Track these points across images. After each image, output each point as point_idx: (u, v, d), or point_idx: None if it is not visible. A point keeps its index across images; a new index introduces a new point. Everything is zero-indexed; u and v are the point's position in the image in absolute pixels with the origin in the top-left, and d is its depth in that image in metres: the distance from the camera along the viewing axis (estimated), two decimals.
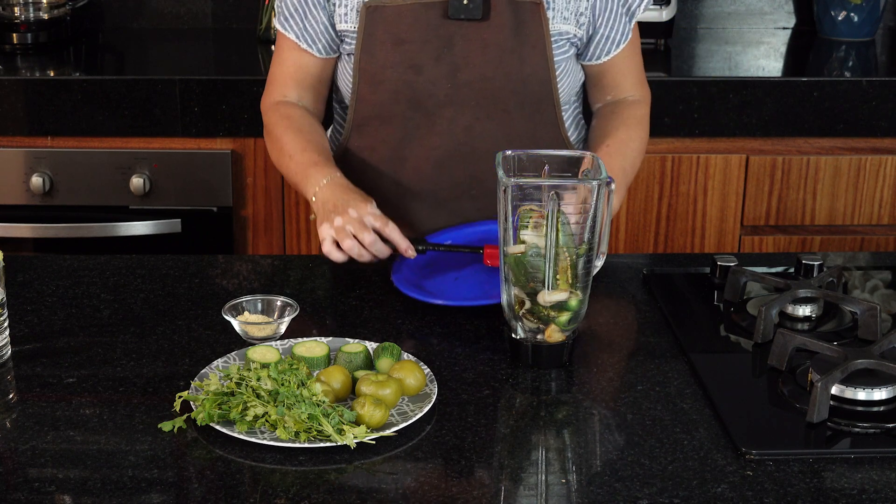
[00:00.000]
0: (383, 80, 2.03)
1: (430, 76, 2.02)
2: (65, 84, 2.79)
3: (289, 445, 1.45)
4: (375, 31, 2.01)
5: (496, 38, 2.02)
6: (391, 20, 2.01)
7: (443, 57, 2.01)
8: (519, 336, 1.66)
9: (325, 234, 1.88)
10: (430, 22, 2.00)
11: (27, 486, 1.40)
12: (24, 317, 1.79)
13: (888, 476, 1.43)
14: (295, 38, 2.07)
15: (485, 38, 2.01)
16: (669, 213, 2.91)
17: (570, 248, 1.60)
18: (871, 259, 2.17)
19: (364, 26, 2.01)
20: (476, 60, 2.02)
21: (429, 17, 2.00)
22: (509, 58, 2.02)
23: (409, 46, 2.01)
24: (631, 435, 1.51)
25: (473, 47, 2.02)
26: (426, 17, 2.00)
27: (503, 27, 2.01)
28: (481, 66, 2.02)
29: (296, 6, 2.06)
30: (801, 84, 2.86)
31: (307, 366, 1.60)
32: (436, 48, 2.01)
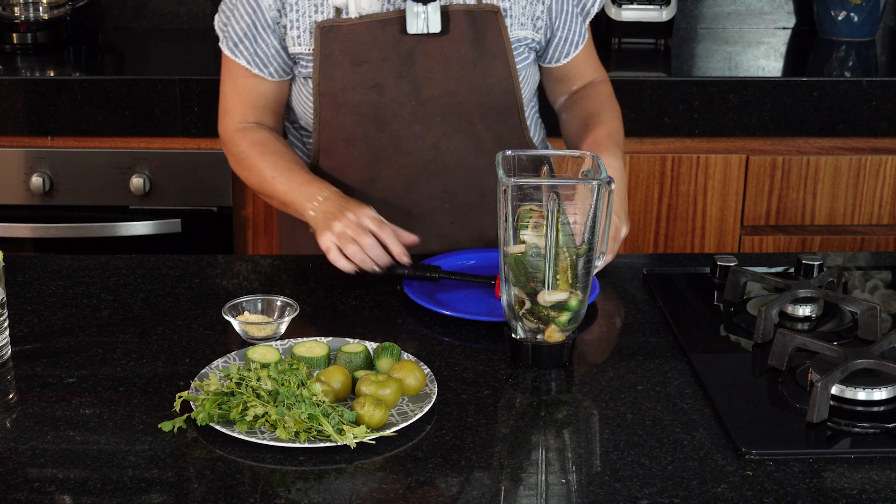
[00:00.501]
0: (345, 101, 1.99)
1: (392, 95, 1.98)
2: (65, 84, 2.79)
3: (289, 445, 1.45)
4: (332, 52, 1.97)
5: (457, 52, 1.98)
6: (348, 40, 1.96)
7: (404, 74, 1.98)
8: (519, 336, 1.66)
9: (328, 242, 1.86)
10: (388, 39, 1.96)
11: (27, 486, 1.40)
12: (24, 317, 1.79)
13: (888, 476, 1.43)
14: (246, 63, 2.01)
15: (445, 52, 1.98)
16: (669, 213, 2.91)
17: (570, 248, 1.60)
18: (871, 259, 2.17)
19: (320, 47, 1.97)
20: (438, 75, 1.98)
21: (386, 34, 1.96)
22: (471, 70, 2.00)
23: (368, 66, 1.97)
24: (631, 435, 1.51)
25: (434, 62, 1.98)
26: (383, 35, 1.96)
27: (463, 39, 1.98)
28: (444, 81, 1.99)
29: (244, 31, 2.00)
30: (801, 84, 2.86)
31: (307, 366, 1.60)
32: (396, 66, 1.97)
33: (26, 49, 3.03)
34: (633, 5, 3.11)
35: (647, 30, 3.13)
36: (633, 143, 2.87)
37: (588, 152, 1.68)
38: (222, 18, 2.03)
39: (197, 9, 3.31)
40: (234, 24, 2.00)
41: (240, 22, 1.99)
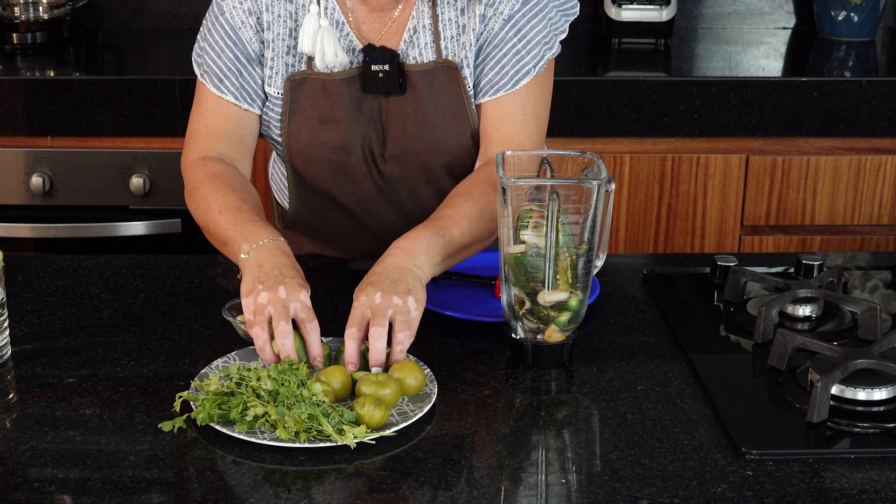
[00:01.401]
0: (313, 158, 1.94)
1: (359, 155, 1.93)
2: (65, 84, 2.79)
3: (289, 445, 1.45)
4: (300, 108, 1.91)
5: (416, 112, 1.92)
6: (316, 96, 1.91)
7: (368, 135, 1.93)
8: (519, 336, 1.66)
9: (246, 308, 1.63)
10: (354, 97, 1.90)
11: (27, 486, 1.40)
12: (24, 317, 1.79)
13: (888, 476, 1.43)
14: (234, 99, 1.91)
15: (405, 112, 1.92)
16: (669, 213, 2.91)
17: (570, 248, 1.60)
18: (871, 259, 2.17)
19: (289, 102, 1.91)
20: (399, 135, 1.93)
21: (351, 91, 1.91)
22: (430, 132, 1.92)
23: (335, 126, 1.91)
24: (631, 435, 1.51)
25: (395, 122, 1.92)
26: (349, 92, 1.91)
27: (420, 100, 1.91)
28: (405, 142, 1.93)
29: (228, 66, 1.91)
30: (801, 84, 2.86)
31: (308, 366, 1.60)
32: (361, 125, 1.92)
33: (26, 49, 3.03)
34: (633, 5, 3.11)
35: (647, 30, 3.13)
36: (633, 143, 2.87)
37: (588, 152, 1.68)
38: (200, 53, 1.95)
39: (197, 9, 3.31)
40: (216, 60, 1.92)
41: (221, 57, 1.92)
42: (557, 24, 1.95)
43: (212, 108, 1.93)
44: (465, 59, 1.90)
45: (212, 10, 1.95)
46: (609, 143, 2.87)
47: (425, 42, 1.90)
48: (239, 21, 1.90)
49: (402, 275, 1.65)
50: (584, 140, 2.85)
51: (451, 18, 1.90)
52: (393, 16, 1.91)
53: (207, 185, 1.85)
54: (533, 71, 1.90)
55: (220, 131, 1.93)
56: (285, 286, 1.62)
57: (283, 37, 1.90)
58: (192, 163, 1.91)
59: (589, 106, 2.84)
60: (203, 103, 1.95)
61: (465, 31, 1.89)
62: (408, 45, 1.91)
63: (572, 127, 2.84)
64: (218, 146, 1.92)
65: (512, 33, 1.89)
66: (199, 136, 1.94)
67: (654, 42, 3.15)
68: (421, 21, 1.90)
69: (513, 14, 1.89)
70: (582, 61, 3.12)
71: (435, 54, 1.91)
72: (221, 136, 1.93)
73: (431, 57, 1.91)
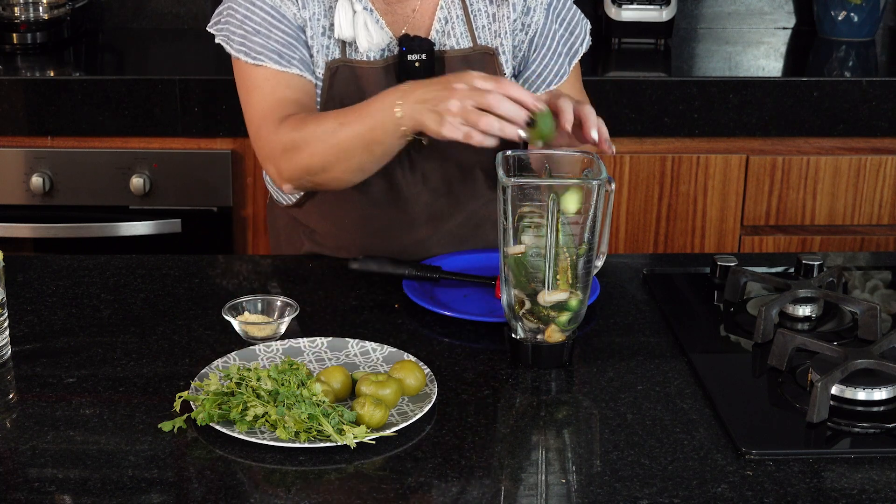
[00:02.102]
0: None
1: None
2: (65, 84, 2.79)
3: (289, 445, 1.45)
4: (338, 95, 1.92)
5: None
6: (353, 83, 1.92)
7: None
8: (519, 336, 1.66)
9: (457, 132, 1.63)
10: (389, 85, 1.89)
11: (27, 486, 1.40)
12: (24, 317, 1.79)
13: (888, 476, 1.43)
14: (299, 70, 1.90)
15: None
16: (669, 213, 2.91)
17: (570, 248, 1.60)
18: (871, 259, 2.17)
19: (328, 87, 1.92)
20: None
21: (388, 80, 1.92)
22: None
23: None
24: (631, 435, 1.51)
25: None
26: (386, 81, 1.92)
27: None
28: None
29: (283, 42, 1.90)
30: (801, 84, 2.86)
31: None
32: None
33: (26, 49, 3.03)
34: (633, 5, 3.11)
35: (647, 30, 3.13)
36: (633, 143, 2.87)
37: (588, 152, 1.68)
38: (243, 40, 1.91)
39: (197, 9, 3.31)
40: (267, 40, 1.90)
41: (272, 36, 1.89)
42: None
43: (275, 86, 1.89)
44: (500, 47, 1.95)
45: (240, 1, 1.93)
46: None
47: (460, 31, 1.95)
48: (278, 0, 1.92)
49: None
50: None
51: (481, 8, 1.96)
52: (414, 6, 1.93)
53: (303, 129, 1.81)
54: (582, 48, 2.04)
55: (290, 100, 1.88)
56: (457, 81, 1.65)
57: (318, 17, 1.93)
58: (275, 131, 1.85)
59: None
60: (262, 84, 1.90)
61: (496, 19, 1.94)
62: (441, 34, 1.95)
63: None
64: (291, 111, 1.87)
65: (557, 21, 1.99)
66: (271, 111, 1.88)
67: (654, 42, 3.15)
68: (453, 11, 1.95)
69: (551, 2, 1.99)
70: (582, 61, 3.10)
71: (471, 42, 1.96)
72: (292, 103, 1.88)
73: (466, 44, 1.96)
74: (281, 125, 1.86)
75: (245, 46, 1.92)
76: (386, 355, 1.66)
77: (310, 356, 1.67)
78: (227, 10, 1.95)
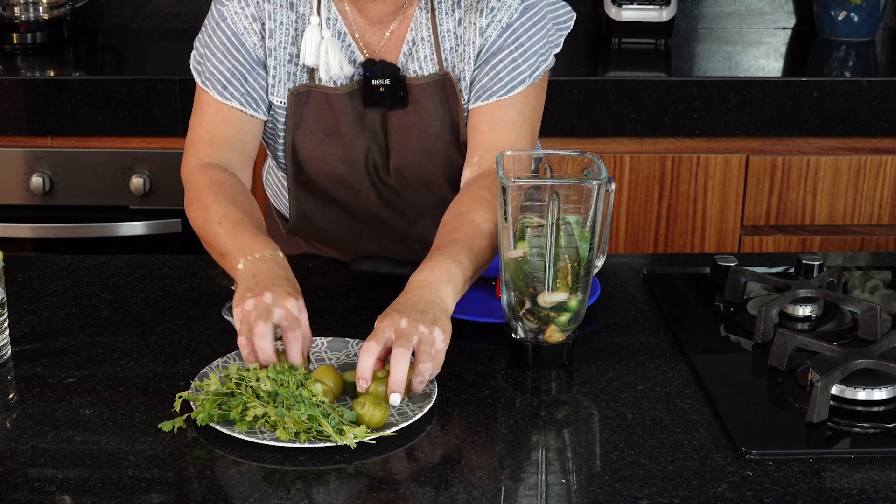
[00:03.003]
0: (317, 171, 1.94)
1: (362, 168, 1.93)
2: (65, 84, 2.79)
3: (289, 445, 1.45)
4: (304, 121, 1.90)
5: (418, 125, 1.90)
6: (320, 109, 1.90)
7: (372, 148, 1.91)
8: (519, 336, 1.66)
9: (236, 317, 1.60)
10: (355, 110, 1.89)
11: (27, 486, 1.40)
12: (24, 317, 1.79)
13: (888, 476, 1.43)
14: (240, 105, 1.87)
15: (407, 125, 1.90)
16: (669, 213, 2.92)
17: (571, 250, 1.60)
18: (871, 259, 2.17)
19: (293, 116, 1.89)
20: (402, 149, 1.92)
21: (353, 105, 1.89)
22: (433, 144, 1.90)
23: (339, 139, 1.90)
24: (631, 435, 1.51)
25: (398, 135, 1.91)
26: (351, 106, 1.89)
27: (423, 112, 1.89)
28: (408, 155, 1.92)
29: (232, 71, 1.87)
30: (801, 84, 2.86)
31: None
32: (366, 139, 1.91)
33: (26, 49, 3.03)
34: (633, 5, 3.11)
35: (647, 30, 3.13)
36: (633, 143, 2.87)
37: (588, 152, 1.68)
38: (200, 61, 1.91)
39: (197, 9, 3.31)
40: (218, 66, 1.89)
41: (224, 63, 1.88)
42: (553, 37, 1.94)
43: (214, 114, 1.90)
44: (462, 72, 1.89)
45: (211, 17, 1.92)
46: (609, 143, 2.87)
47: (425, 54, 1.89)
48: (241, 27, 1.88)
49: (427, 306, 1.60)
50: (584, 140, 2.85)
51: (450, 29, 1.89)
52: (391, 28, 1.90)
53: (208, 194, 1.81)
54: (528, 80, 1.87)
55: (222, 137, 1.88)
56: (272, 293, 1.59)
57: (284, 45, 1.88)
58: (192, 170, 1.86)
59: (589, 106, 2.84)
60: (204, 109, 1.91)
61: (461, 42, 1.89)
62: (407, 57, 1.89)
63: (572, 127, 2.84)
64: (220, 153, 1.88)
65: (510, 41, 1.87)
66: (201, 141, 1.89)
67: (654, 42, 3.15)
68: (419, 33, 1.89)
69: (511, 23, 1.87)
70: (582, 61, 3.12)
71: (436, 66, 1.90)
72: (223, 142, 1.88)
73: (432, 69, 1.90)
74: (197, 170, 1.85)
75: (200, 66, 1.92)
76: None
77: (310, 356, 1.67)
78: (205, 22, 1.95)
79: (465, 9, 1.87)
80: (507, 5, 1.86)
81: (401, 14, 1.89)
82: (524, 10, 1.87)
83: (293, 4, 1.87)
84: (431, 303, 1.61)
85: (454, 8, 1.88)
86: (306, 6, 1.87)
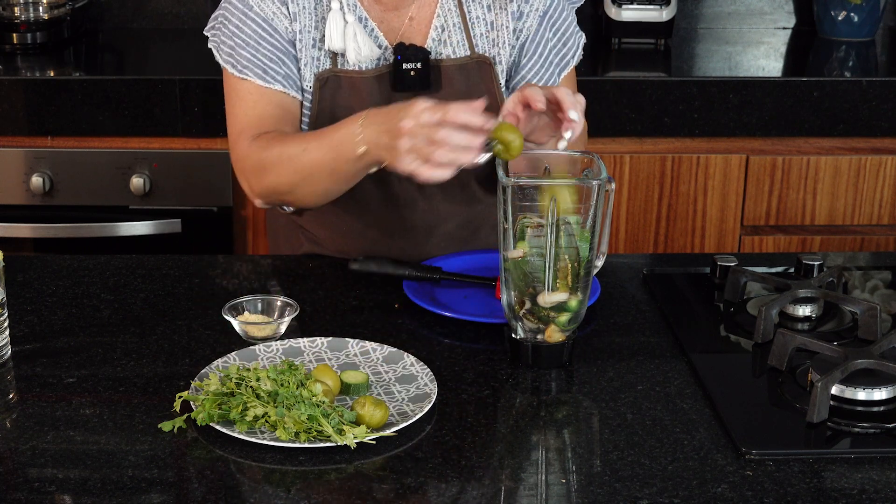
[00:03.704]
0: None
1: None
2: (65, 84, 2.79)
3: (289, 445, 1.45)
4: (329, 107, 1.91)
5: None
6: (345, 94, 1.91)
7: None
8: (519, 336, 1.66)
9: (412, 166, 1.62)
10: (383, 95, 1.91)
11: (27, 486, 1.40)
12: (24, 317, 1.79)
13: (888, 476, 1.43)
14: (283, 87, 1.90)
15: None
16: (669, 213, 2.91)
17: (571, 250, 1.60)
18: (871, 259, 2.17)
19: (318, 101, 1.91)
20: None
21: (381, 90, 1.91)
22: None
23: None
24: (631, 435, 1.51)
25: None
26: (379, 91, 1.91)
27: (455, 96, 1.89)
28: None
29: (270, 57, 1.89)
30: (801, 84, 2.86)
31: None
32: None
33: (26, 49, 3.03)
34: (633, 5, 3.11)
35: (647, 30, 3.13)
36: (633, 143, 2.87)
37: (588, 152, 1.68)
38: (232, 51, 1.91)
39: (197, 9, 3.31)
40: (255, 54, 1.89)
41: (260, 49, 1.89)
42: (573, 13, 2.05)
43: (258, 100, 1.90)
44: (498, 56, 1.93)
45: (234, 8, 1.92)
46: (609, 143, 2.87)
47: (457, 40, 1.94)
48: (270, 12, 1.91)
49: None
50: None
51: (480, 16, 1.94)
52: (409, 14, 1.93)
53: (274, 147, 1.81)
54: (573, 61, 2.01)
55: (270, 117, 1.89)
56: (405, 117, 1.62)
57: (308, 28, 1.92)
58: (245, 149, 1.86)
59: (589, 106, 2.81)
60: (245, 97, 1.91)
61: (494, 28, 1.93)
62: (437, 43, 1.93)
63: None
64: (271, 127, 1.88)
65: (551, 30, 1.96)
66: (249, 125, 1.89)
67: (654, 42, 3.15)
68: (450, 19, 1.94)
69: (546, 10, 1.96)
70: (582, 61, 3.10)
71: (467, 50, 1.94)
72: (272, 121, 1.89)
73: (464, 53, 1.95)
74: (253, 142, 1.87)
75: (233, 58, 1.92)
76: (386, 355, 1.66)
77: (310, 356, 1.67)
78: (222, 16, 1.95)
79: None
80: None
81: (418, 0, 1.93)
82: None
83: None
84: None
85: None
86: None
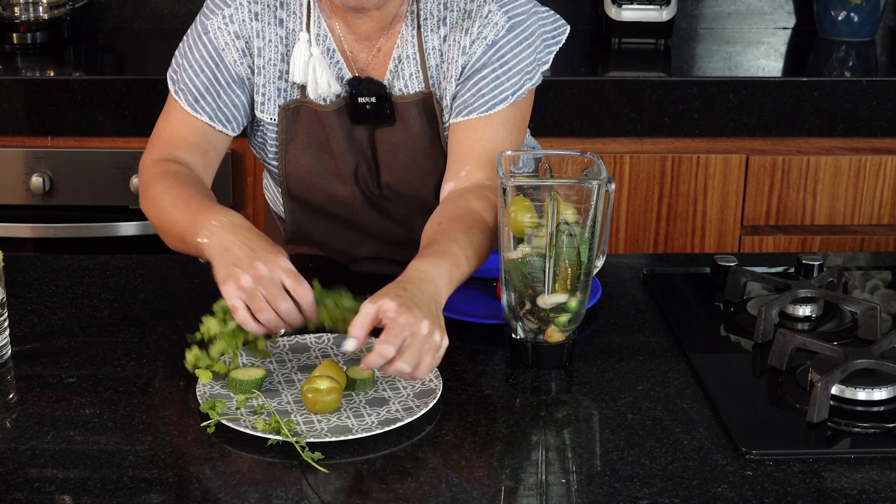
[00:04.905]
0: (310, 185, 1.93)
1: (353, 185, 1.93)
2: (65, 84, 2.79)
3: (288, 445, 1.45)
4: (296, 136, 1.90)
5: (406, 141, 1.90)
6: (311, 125, 1.89)
7: (361, 165, 1.91)
8: (519, 336, 1.66)
9: (235, 300, 1.57)
10: (344, 127, 1.89)
11: (27, 486, 1.40)
12: (24, 317, 1.79)
13: (888, 476, 1.43)
14: (209, 119, 1.86)
15: (395, 142, 1.90)
16: (669, 213, 2.92)
17: (570, 250, 1.59)
18: (871, 259, 2.17)
19: (284, 131, 1.89)
20: (392, 165, 1.92)
21: (342, 122, 1.89)
22: (421, 160, 1.91)
23: (330, 155, 1.90)
24: (631, 435, 1.51)
25: (387, 151, 1.91)
26: (339, 123, 1.89)
27: (410, 129, 1.89)
28: (397, 171, 1.92)
29: (206, 86, 1.86)
30: (801, 84, 2.86)
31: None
32: (355, 156, 1.91)
33: (26, 49, 3.03)
34: (633, 5, 3.11)
35: (647, 30, 3.13)
36: (633, 143, 2.87)
37: (588, 152, 1.68)
38: (176, 70, 1.91)
39: (197, 9, 3.29)
40: (192, 79, 1.88)
41: (199, 76, 1.88)
42: (541, 54, 1.92)
43: (179, 121, 1.88)
44: (445, 90, 1.88)
45: (194, 29, 1.91)
46: (609, 143, 2.87)
47: (410, 72, 1.88)
48: (223, 42, 1.87)
49: (437, 308, 1.56)
50: (584, 140, 2.85)
51: (435, 47, 1.87)
52: (378, 44, 1.89)
53: (161, 182, 1.78)
54: (510, 98, 1.85)
55: (185, 140, 1.87)
56: (262, 261, 1.57)
57: (274, 62, 1.88)
58: (148, 164, 1.85)
59: (589, 106, 2.84)
60: (172, 114, 1.90)
61: (444, 60, 1.87)
62: (393, 75, 1.88)
63: (572, 127, 2.84)
64: (180, 153, 1.86)
65: (495, 59, 1.85)
66: (162, 141, 1.88)
67: (654, 42, 3.15)
68: (405, 50, 1.88)
69: (497, 40, 1.85)
70: (582, 61, 3.12)
71: (422, 83, 1.88)
72: (186, 145, 1.87)
73: (418, 87, 1.88)
74: (156, 162, 1.84)
75: (175, 74, 1.91)
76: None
77: (316, 352, 1.67)
78: (188, 31, 1.94)
79: (450, 26, 1.86)
80: (493, 22, 1.84)
81: (388, 30, 1.88)
82: (511, 27, 1.85)
83: (282, 21, 1.87)
84: (438, 304, 1.58)
85: (440, 25, 1.87)
86: (296, 22, 1.87)
